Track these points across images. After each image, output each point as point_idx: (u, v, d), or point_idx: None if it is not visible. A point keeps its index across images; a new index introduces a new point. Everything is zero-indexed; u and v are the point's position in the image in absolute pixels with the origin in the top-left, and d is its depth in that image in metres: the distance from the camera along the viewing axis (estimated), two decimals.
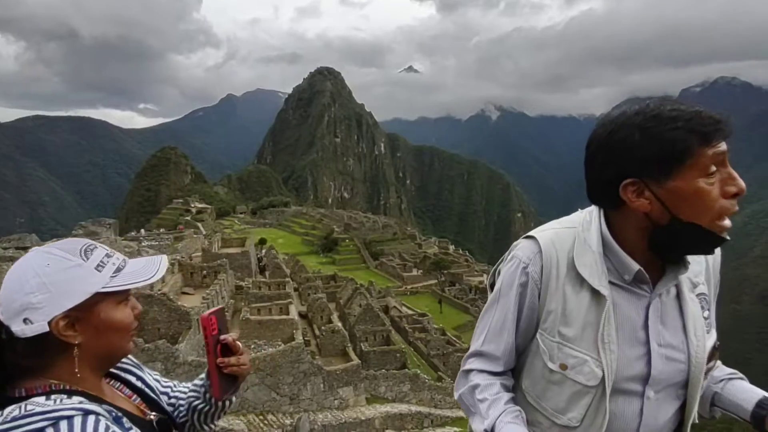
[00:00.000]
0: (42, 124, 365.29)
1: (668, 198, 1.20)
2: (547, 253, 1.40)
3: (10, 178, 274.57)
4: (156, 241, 37.61)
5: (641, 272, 1.29)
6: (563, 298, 1.36)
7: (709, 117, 1.18)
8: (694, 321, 1.32)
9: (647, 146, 1.18)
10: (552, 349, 1.37)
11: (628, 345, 1.30)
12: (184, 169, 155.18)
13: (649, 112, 1.22)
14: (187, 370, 16.96)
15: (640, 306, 1.32)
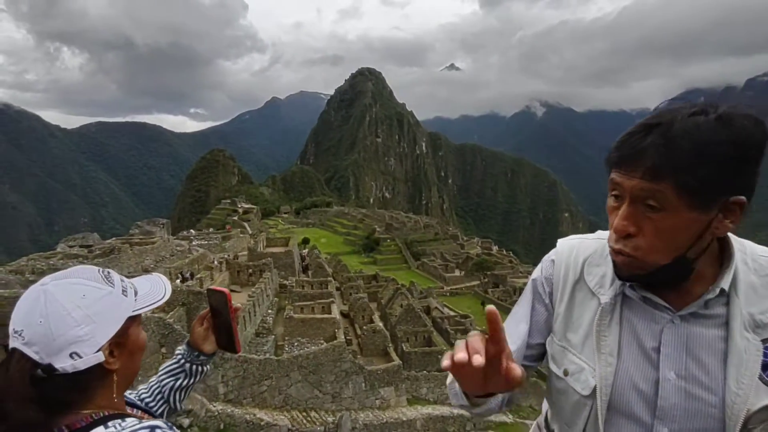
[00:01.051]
0: (103, 129, 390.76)
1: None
2: (561, 258, 1.41)
3: (76, 180, 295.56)
4: (205, 240, 39.14)
5: (633, 287, 1.24)
6: (572, 304, 1.35)
7: (621, 140, 1.12)
8: (740, 364, 1.10)
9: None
10: (557, 353, 1.36)
11: (635, 365, 1.21)
12: (231, 170, 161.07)
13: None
14: (234, 365, 17.52)
15: (656, 327, 1.20)
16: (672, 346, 1.17)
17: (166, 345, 16.86)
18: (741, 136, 1.00)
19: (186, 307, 20.19)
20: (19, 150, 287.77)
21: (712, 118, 1.01)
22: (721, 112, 1.02)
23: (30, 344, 0.94)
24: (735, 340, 1.12)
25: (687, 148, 1.00)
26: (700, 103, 1.07)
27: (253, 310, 22.57)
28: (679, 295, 1.18)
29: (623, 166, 1.09)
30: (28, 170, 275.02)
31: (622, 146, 1.10)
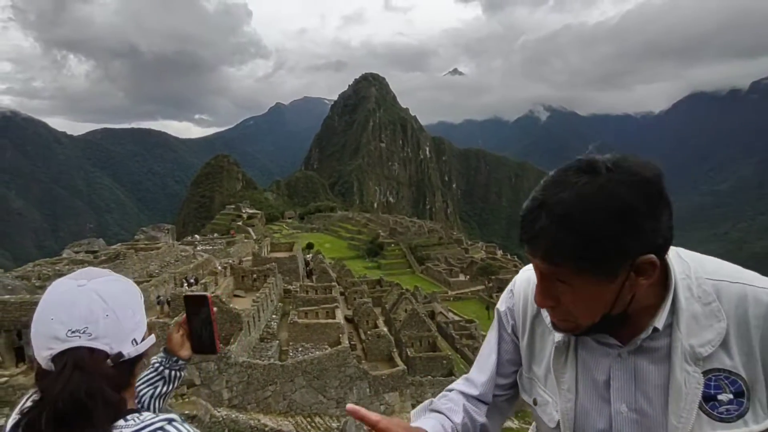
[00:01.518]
0: (108, 136, 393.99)
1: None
2: (518, 290, 1.40)
3: (81, 186, 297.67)
4: (210, 245, 39.26)
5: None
6: (533, 338, 1.36)
7: (521, 221, 1.10)
8: (679, 398, 1.11)
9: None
10: (526, 384, 1.38)
11: (591, 399, 1.23)
12: (235, 176, 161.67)
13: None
14: (238, 371, 17.49)
15: (605, 362, 1.22)
16: (622, 380, 1.19)
17: None
18: (626, 205, 0.98)
19: None
20: (25, 156, 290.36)
21: (595, 187, 0.99)
22: (607, 177, 1.00)
23: (99, 338, 1.00)
24: (675, 373, 1.12)
25: (572, 232, 0.99)
26: (592, 158, 1.05)
27: (257, 315, 22.55)
28: (626, 329, 1.19)
29: (526, 247, 1.09)
30: (34, 176, 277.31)
31: (522, 228, 1.09)
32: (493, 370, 1.43)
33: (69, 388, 0.92)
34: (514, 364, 1.43)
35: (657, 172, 1.03)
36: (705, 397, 1.09)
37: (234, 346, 18.47)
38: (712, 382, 1.10)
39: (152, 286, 22.04)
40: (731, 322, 1.11)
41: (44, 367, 0.98)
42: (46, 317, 1.01)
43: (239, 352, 18.84)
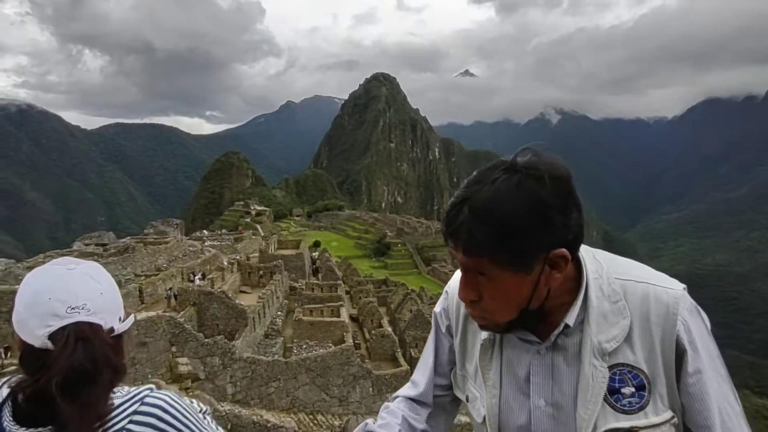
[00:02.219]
0: (121, 130, 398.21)
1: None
2: (452, 292, 1.46)
3: (93, 180, 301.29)
4: (217, 241, 39.55)
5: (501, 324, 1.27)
6: (465, 335, 1.42)
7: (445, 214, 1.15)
8: (587, 391, 1.17)
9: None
10: (459, 381, 1.44)
11: (512, 393, 1.29)
12: (245, 172, 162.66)
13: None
14: (242, 366, 17.62)
15: (526, 358, 1.28)
16: (540, 376, 1.25)
17: (177, 344, 17.03)
18: (539, 200, 1.04)
19: (197, 307, 20.39)
20: (40, 149, 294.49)
21: (512, 183, 1.05)
22: (524, 174, 1.06)
23: (96, 313, 1.07)
24: (584, 367, 1.19)
25: (490, 225, 1.05)
26: (512, 158, 1.12)
27: (262, 311, 22.70)
28: (545, 326, 1.24)
29: (449, 241, 1.14)
30: (48, 169, 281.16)
31: (445, 222, 1.14)
32: (431, 370, 1.50)
33: (77, 355, 0.98)
34: (451, 363, 1.49)
35: (567, 172, 1.09)
36: (610, 390, 1.16)
37: (239, 342, 18.60)
38: (617, 376, 1.16)
39: (160, 280, 22.26)
40: (635, 319, 1.17)
41: (38, 347, 1.02)
42: (42, 298, 1.05)
43: (244, 347, 18.97)
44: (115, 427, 1.00)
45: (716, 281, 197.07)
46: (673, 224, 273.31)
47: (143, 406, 1.05)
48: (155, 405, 1.06)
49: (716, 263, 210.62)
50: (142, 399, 1.07)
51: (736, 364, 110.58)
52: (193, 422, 1.09)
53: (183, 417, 1.08)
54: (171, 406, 1.08)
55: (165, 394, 1.10)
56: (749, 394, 65.44)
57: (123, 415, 1.03)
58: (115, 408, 1.03)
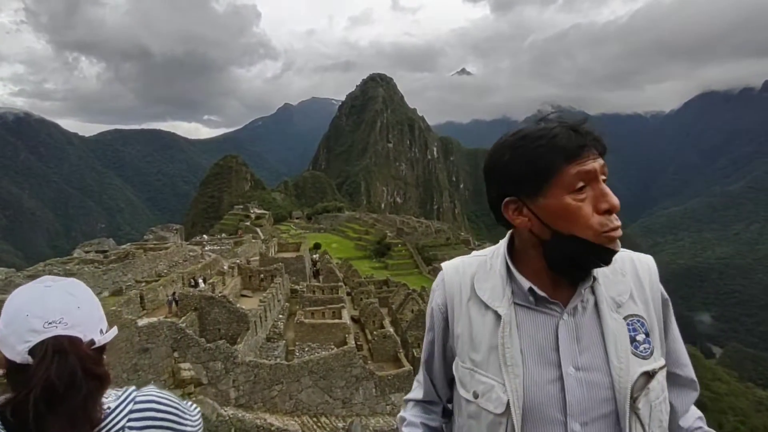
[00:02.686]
0: (119, 137, 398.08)
1: (543, 214, 1.21)
2: (449, 280, 1.45)
3: (93, 186, 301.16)
4: (217, 245, 39.54)
5: (533, 290, 1.27)
6: (469, 323, 1.36)
7: (576, 134, 1.19)
8: (615, 342, 1.23)
9: (516, 165, 1.22)
10: (464, 377, 1.35)
11: (538, 368, 1.25)
12: (244, 176, 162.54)
13: (521, 132, 1.26)
14: (245, 370, 17.60)
15: (550, 327, 1.27)
16: (566, 341, 1.24)
17: (178, 349, 17.02)
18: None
19: (198, 312, 20.37)
20: (38, 157, 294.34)
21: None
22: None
23: (74, 327, 1.10)
24: (607, 321, 1.25)
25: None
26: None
27: (264, 315, 22.68)
28: (559, 289, 1.28)
29: (587, 149, 1.20)
30: (47, 177, 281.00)
31: (581, 133, 1.21)
32: (439, 369, 1.51)
33: (55, 368, 1.01)
34: (452, 358, 1.46)
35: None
36: (630, 339, 1.25)
37: (241, 346, 18.59)
38: (630, 326, 1.26)
39: (161, 285, 22.25)
40: (629, 276, 1.33)
41: (19, 362, 1.04)
42: (20, 316, 1.08)
43: (246, 351, 18.96)
44: (116, 427, 1.06)
45: (717, 274, 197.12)
46: (672, 218, 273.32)
47: (137, 404, 1.11)
48: (148, 401, 1.13)
49: (717, 256, 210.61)
50: (133, 399, 1.12)
51: (739, 356, 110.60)
52: (181, 409, 1.17)
53: (173, 407, 1.16)
54: (161, 399, 1.15)
55: (150, 390, 1.17)
56: (753, 387, 65.44)
57: (121, 415, 1.08)
58: (111, 411, 1.08)
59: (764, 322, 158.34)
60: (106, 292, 20.79)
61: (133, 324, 16.09)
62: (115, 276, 21.94)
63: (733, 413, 50.70)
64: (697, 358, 66.49)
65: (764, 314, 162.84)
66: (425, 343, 1.53)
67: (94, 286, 20.45)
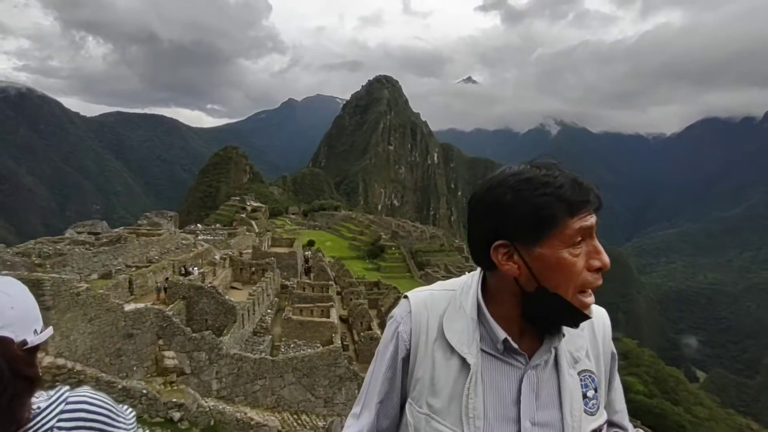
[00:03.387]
0: (121, 120, 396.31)
1: (535, 265, 1.17)
2: (416, 315, 1.35)
3: (90, 167, 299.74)
4: (211, 235, 39.41)
5: (508, 341, 1.23)
6: (432, 365, 1.28)
7: (579, 187, 1.17)
8: (571, 398, 1.23)
9: (517, 209, 1.16)
10: (419, 422, 1.26)
11: (498, 422, 1.21)
12: (243, 168, 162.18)
13: (524, 174, 1.20)
14: (229, 362, 17.56)
15: (513, 379, 1.24)
16: (527, 397, 1.22)
17: (164, 337, 16.97)
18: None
19: (186, 301, 20.32)
20: (38, 134, 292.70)
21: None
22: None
23: (5, 327, 1.08)
24: (564, 377, 1.25)
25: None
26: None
27: (252, 308, 22.65)
28: (525, 339, 1.26)
29: (587, 206, 1.18)
30: (46, 155, 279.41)
31: (583, 190, 1.18)
32: (377, 408, 1.38)
33: None
34: (402, 399, 1.36)
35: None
36: (582, 395, 1.27)
37: (227, 338, 18.55)
38: (582, 382, 1.28)
39: (150, 272, 22.17)
40: (586, 332, 1.34)
41: None
42: None
43: (231, 344, 18.91)
44: (44, 428, 1.05)
45: (707, 300, 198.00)
46: (667, 241, 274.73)
47: (68, 404, 1.10)
48: (79, 401, 1.11)
49: (708, 282, 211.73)
50: (65, 399, 1.11)
51: (723, 382, 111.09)
52: (114, 412, 1.15)
53: (106, 409, 1.14)
54: (94, 400, 1.13)
55: (84, 391, 1.15)
56: (733, 413, 65.71)
57: (50, 416, 1.07)
58: (41, 411, 1.07)
59: (750, 349, 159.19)
60: (95, 275, 20.67)
61: (120, 308, 16.02)
62: (105, 259, 21.82)
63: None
64: (680, 382, 66.70)
65: (750, 342, 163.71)
66: (383, 379, 1.37)
67: (84, 267, 20.35)
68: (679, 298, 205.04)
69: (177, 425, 13.87)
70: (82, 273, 19.73)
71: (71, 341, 14.23)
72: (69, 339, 14.17)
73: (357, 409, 1.43)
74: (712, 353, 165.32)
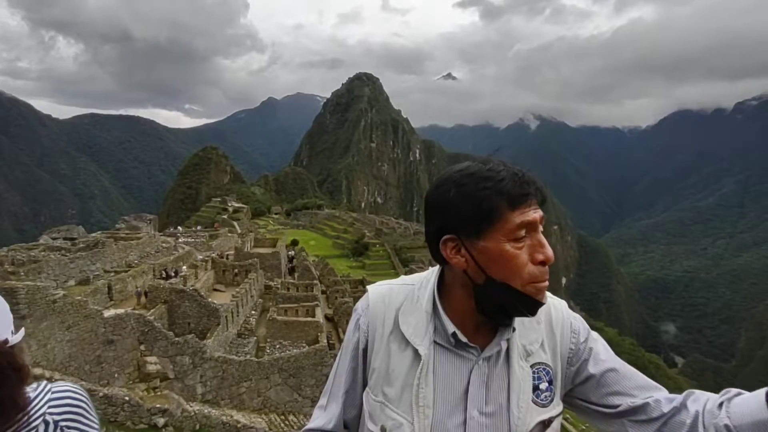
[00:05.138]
0: (96, 121, 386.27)
1: (480, 257, 1.20)
2: (374, 308, 1.40)
3: (65, 171, 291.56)
4: (192, 237, 38.83)
5: (456, 334, 1.27)
6: (387, 356, 1.34)
7: (521, 181, 1.18)
8: (519, 390, 1.26)
9: (459, 204, 1.19)
10: (374, 409, 1.33)
11: (447, 411, 1.25)
12: (223, 168, 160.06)
13: (468, 169, 1.22)
14: (213, 365, 17.36)
15: (464, 370, 1.28)
16: (476, 386, 1.26)
17: (145, 342, 16.69)
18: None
19: (168, 305, 20.01)
20: (8, 138, 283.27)
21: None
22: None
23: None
24: (514, 369, 1.28)
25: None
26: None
27: (236, 310, 22.42)
28: (479, 332, 1.30)
29: (530, 198, 1.19)
30: (17, 159, 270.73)
31: (524, 181, 1.19)
32: (343, 398, 1.44)
33: None
34: (362, 389, 1.42)
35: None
36: (533, 387, 1.28)
37: (210, 341, 18.33)
38: (535, 374, 1.30)
39: (130, 276, 21.75)
40: (543, 325, 1.36)
41: None
42: None
43: (215, 347, 18.71)
44: (38, 414, 1.13)
45: (684, 287, 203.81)
46: (644, 231, 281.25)
47: (54, 393, 1.18)
48: (64, 390, 1.20)
49: (684, 269, 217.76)
50: (50, 389, 1.20)
51: (700, 367, 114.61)
52: (89, 402, 1.24)
53: (86, 398, 1.23)
54: (75, 390, 1.23)
55: (64, 383, 1.24)
56: None
57: (40, 404, 1.15)
58: (32, 400, 1.16)
59: (725, 334, 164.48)
60: (73, 281, 20.19)
61: (99, 315, 15.69)
62: (82, 265, 21.33)
63: None
64: (660, 368, 68.54)
65: (725, 327, 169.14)
66: (348, 370, 1.44)
67: (60, 274, 19.85)
68: (657, 286, 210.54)
69: (161, 431, 13.67)
70: (58, 280, 19.24)
71: (48, 350, 13.89)
72: (46, 348, 13.82)
73: (324, 401, 1.48)
74: (690, 339, 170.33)
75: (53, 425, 1.13)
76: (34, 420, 1.12)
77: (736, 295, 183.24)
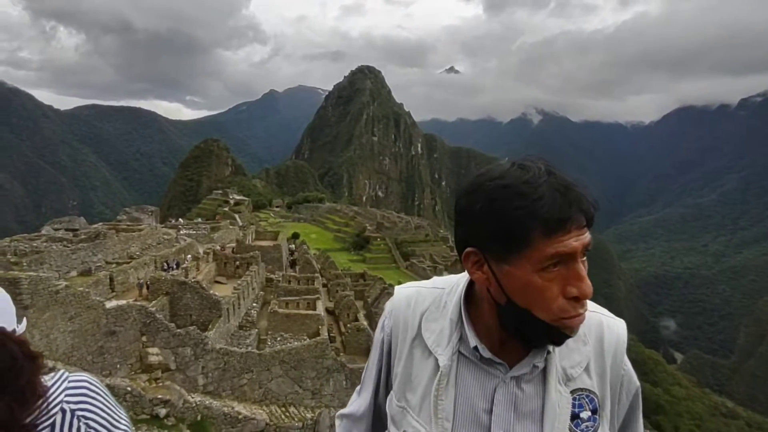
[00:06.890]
0: (97, 112, 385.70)
1: (503, 280, 1.08)
2: (397, 311, 1.36)
3: (66, 162, 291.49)
4: (193, 230, 38.85)
5: (477, 350, 1.19)
6: (411, 362, 1.29)
7: (562, 200, 1.00)
8: (554, 416, 1.14)
9: (487, 221, 1.06)
10: (396, 415, 1.29)
11: (467, 426, 1.19)
12: (225, 161, 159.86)
13: (504, 179, 1.06)
14: (214, 357, 17.43)
15: (489, 387, 1.19)
16: (502, 406, 1.17)
17: (147, 334, 16.75)
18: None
19: (170, 297, 20.05)
20: (9, 129, 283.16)
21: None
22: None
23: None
24: (550, 395, 1.15)
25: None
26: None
27: (237, 302, 22.48)
28: (507, 348, 1.19)
29: (575, 220, 1.02)
30: (18, 150, 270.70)
31: (572, 199, 1.02)
32: (372, 393, 1.46)
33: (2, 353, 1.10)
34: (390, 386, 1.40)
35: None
36: (571, 415, 1.16)
37: (212, 333, 18.39)
38: (576, 401, 1.17)
39: (132, 268, 21.79)
40: (591, 346, 1.21)
41: None
42: None
43: (217, 338, 18.77)
44: (56, 402, 1.15)
45: (684, 284, 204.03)
46: (645, 227, 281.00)
47: (71, 382, 1.20)
48: (80, 380, 1.22)
49: (684, 266, 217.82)
50: (66, 378, 1.22)
51: (699, 363, 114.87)
52: (107, 395, 1.25)
53: (102, 389, 1.25)
54: (91, 380, 1.24)
55: (81, 373, 1.26)
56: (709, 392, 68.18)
57: (58, 391, 1.17)
58: (49, 388, 1.18)
59: (724, 330, 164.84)
60: (74, 272, 20.23)
61: (101, 306, 15.73)
62: (84, 256, 21.36)
63: (689, 417, 52.83)
64: (659, 363, 68.77)
65: (724, 323, 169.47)
66: (376, 363, 1.46)
67: (62, 265, 19.89)
68: (658, 282, 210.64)
69: (163, 421, 13.77)
70: (60, 271, 19.28)
71: (51, 340, 13.94)
72: (49, 338, 13.88)
73: (360, 387, 1.53)
74: (689, 335, 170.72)
75: (70, 413, 1.15)
76: (53, 408, 1.13)
77: (736, 291, 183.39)
